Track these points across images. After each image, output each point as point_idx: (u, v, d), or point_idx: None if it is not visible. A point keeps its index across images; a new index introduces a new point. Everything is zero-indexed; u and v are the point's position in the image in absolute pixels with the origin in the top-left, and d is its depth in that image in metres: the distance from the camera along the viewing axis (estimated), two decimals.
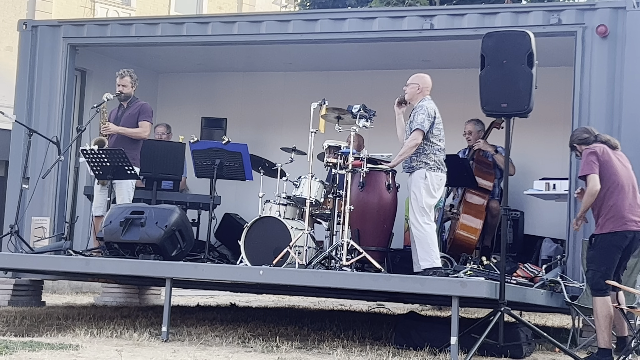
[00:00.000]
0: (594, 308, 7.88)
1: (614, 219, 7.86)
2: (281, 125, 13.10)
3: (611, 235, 7.86)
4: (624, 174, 7.99)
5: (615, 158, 8.03)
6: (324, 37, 10.89)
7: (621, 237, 7.85)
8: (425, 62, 11.55)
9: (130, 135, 10.46)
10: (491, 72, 7.99)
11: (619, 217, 7.85)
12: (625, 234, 7.85)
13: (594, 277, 7.90)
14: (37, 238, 11.09)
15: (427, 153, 8.90)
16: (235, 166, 10.44)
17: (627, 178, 7.99)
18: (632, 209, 7.90)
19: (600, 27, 9.55)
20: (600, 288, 7.85)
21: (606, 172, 7.92)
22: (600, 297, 7.82)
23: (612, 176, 7.92)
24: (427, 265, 8.75)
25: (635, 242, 7.93)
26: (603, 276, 7.83)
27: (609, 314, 7.80)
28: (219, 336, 8.76)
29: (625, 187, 7.93)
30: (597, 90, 9.55)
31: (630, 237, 7.87)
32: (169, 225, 9.30)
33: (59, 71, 11.66)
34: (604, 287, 7.84)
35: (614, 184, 7.91)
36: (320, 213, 9.61)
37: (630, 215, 7.87)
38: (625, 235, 7.85)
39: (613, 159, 8.00)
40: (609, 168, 7.93)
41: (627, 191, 7.92)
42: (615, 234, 7.86)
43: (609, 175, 7.92)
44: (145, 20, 11.94)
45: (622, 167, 8.03)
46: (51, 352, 7.35)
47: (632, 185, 8.00)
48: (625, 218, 7.85)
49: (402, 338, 8.51)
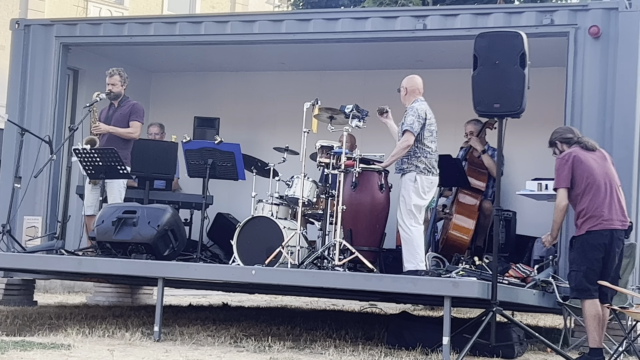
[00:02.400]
0: (582, 309, 7.88)
1: (590, 219, 7.86)
2: (274, 125, 13.09)
3: (588, 235, 7.87)
4: (600, 173, 7.97)
5: (591, 158, 8.02)
6: (317, 37, 10.89)
7: (598, 236, 7.83)
8: (418, 62, 11.56)
9: (121, 135, 10.45)
10: (484, 73, 8.00)
11: (595, 216, 7.85)
12: (602, 233, 7.83)
13: (576, 278, 7.89)
14: (29, 237, 11.08)
15: (417, 156, 8.91)
16: (228, 166, 10.43)
17: (603, 177, 7.97)
18: (611, 207, 7.89)
19: (593, 28, 9.57)
20: (583, 289, 7.83)
21: (580, 176, 7.93)
22: (586, 299, 7.83)
23: (586, 178, 7.92)
24: (411, 267, 8.77)
25: (615, 241, 7.88)
26: (585, 277, 7.82)
27: (597, 313, 7.79)
28: (211, 336, 8.75)
29: (602, 187, 7.92)
30: (590, 90, 9.57)
31: (607, 235, 7.84)
32: (162, 224, 9.29)
33: (52, 70, 11.64)
34: (587, 288, 7.81)
35: (589, 185, 7.90)
36: (313, 213, 9.61)
37: (607, 214, 7.86)
38: (602, 233, 7.83)
39: (588, 160, 7.99)
40: (582, 171, 7.93)
41: (603, 190, 7.91)
42: (591, 234, 7.85)
43: (583, 178, 7.92)
44: (138, 20, 11.93)
45: (599, 166, 8.01)
46: (43, 351, 7.34)
47: (610, 184, 7.97)
48: (602, 217, 7.84)
49: (394, 338, 8.51)
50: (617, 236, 7.88)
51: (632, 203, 9.33)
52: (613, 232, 7.86)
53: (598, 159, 8.08)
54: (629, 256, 8.95)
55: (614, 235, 7.86)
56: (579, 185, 7.92)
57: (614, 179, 8.05)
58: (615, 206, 7.92)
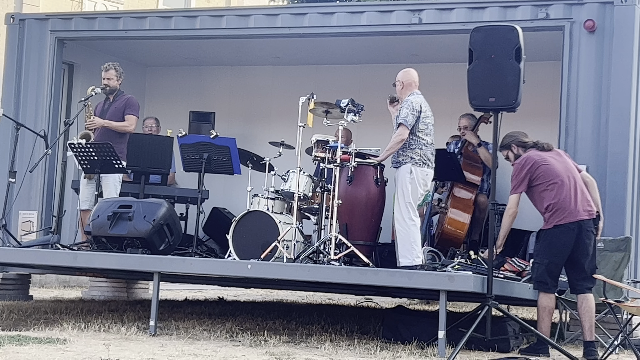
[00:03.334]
0: (538, 301, 7.96)
1: (557, 212, 7.92)
2: (269, 119, 13.09)
3: (555, 229, 7.93)
4: (560, 168, 8.05)
5: (548, 157, 8.10)
6: (313, 31, 10.89)
7: (565, 230, 7.90)
8: (413, 56, 11.56)
9: (115, 129, 10.43)
10: (479, 67, 7.99)
11: (562, 209, 7.91)
12: (569, 226, 7.89)
13: (537, 270, 7.98)
14: (24, 232, 11.08)
15: (412, 148, 8.90)
16: (224, 160, 10.42)
17: (565, 171, 8.04)
18: (576, 200, 7.95)
19: (588, 22, 9.58)
20: (543, 282, 7.94)
21: (541, 174, 8.01)
22: (543, 292, 7.91)
23: (548, 175, 8.00)
24: (406, 262, 8.76)
25: (584, 232, 7.93)
26: (546, 270, 7.91)
27: (547, 306, 7.94)
28: (207, 330, 8.76)
29: (565, 180, 7.99)
30: (585, 84, 9.58)
31: (574, 228, 7.89)
32: (157, 219, 9.28)
33: (47, 64, 11.64)
34: (546, 282, 7.92)
35: (552, 181, 7.98)
36: (309, 207, 9.61)
37: (573, 206, 7.92)
38: (569, 227, 7.89)
39: (546, 158, 8.07)
40: (542, 170, 8.01)
41: (567, 184, 7.98)
42: (559, 227, 7.91)
43: (545, 176, 8.00)
44: (133, 14, 11.92)
45: (558, 162, 8.09)
46: (39, 346, 7.33)
47: (573, 178, 8.04)
48: (567, 210, 7.90)
49: (390, 332, 8.52)
50: (585, 227, 7.94)
51: (627, 197, 9.36)
52: (580, 223, 7.92)
53: (555, 155, 8.20)
54: (624, 250, 8.97)
55: (582, 227, 7.92)
56: (542, 183, 8.01)
57: (574, 171, 8.15)
58: (580, 198, 7.99)
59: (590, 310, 7.94)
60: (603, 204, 9.11)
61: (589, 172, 8.65)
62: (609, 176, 9.38)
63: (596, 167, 9.41)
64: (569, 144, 9.56)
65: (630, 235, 9.19)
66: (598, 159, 9.46)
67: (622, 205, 9.32)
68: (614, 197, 9.31)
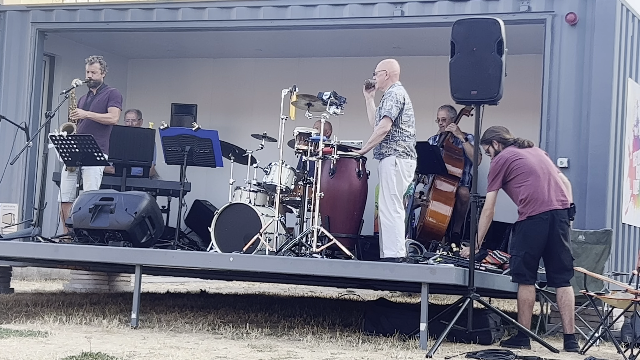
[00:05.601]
0: (518, 293, 8.03)
1: (530, 203, 8.00)
2: (251, 111, 13.07)
3: (529, 220, 8.01)
4: (535, 162, 8.14)
5: (525, 152, 8.19)
6: (295, 24, 10.89)
7: (538, 221, 7.97)
8: (395, 49, 11.56)
9: (99, 121, 10.40)
10: (461, 60, 8.01)
11: (535, 200, 7.99)
12: (542, 217, 7.97)
13: (514, 263, 8.07)
14: (5, 224, 11.04)
15: (396, 139, 8.90)
16: (206, 153, 10.40)
17: (539, 164, 8.13)
18: (549, 190, 8.03)
19: (570, 15, 9.61)
20: (521, 274, 8.01)
21: (517, 169, 8.09)
22: (522, 285, 7.97)
23: (523, 169, 8.09)
24: (390, 254, 8.76)
25: (558, 222, 7.99)
26: (523, 262, 7.97)
27: (527, 299, 8.00)
28: (189, 323, 8.75)
29: (539, 173, 8.08)
30: (567, 77, 9.62)
31: (547, 218, 7.97)
32: (139, 211, 9.26)
33: (28, 56, 11.59)
34: (523, 273, 7.99)
35: (526, 174, 8.07)
36: (291, 200, 9.60)
37: (547, 196, 8.00)
38: (542, 217, 7.97)
39: (523, 154, 8.16)
40: (518, 165, 8.09)
41: (541, 176, 8.06)
42: (532, 218, 7.99)
43: (520, 170, 8.08)
44: (115, 6, 11.87)
45: (533, 157, 8.18)
46: (20, 338, 7.31)
47: (547, 171, 8.13)
48: (540, 201, 7.98)
49: (372, 324, 8.54)
50: (558, 218, 8.00)
51: (607, 189, 9.41)
52: (553, 213, 7.99)
53: (532, 151, 8.28)
54: (605, 242, 9.02)
55: (555, 217, 7.99)
56: (515, 177, 8.10)
57: (550, 166, 8.25)
58: (554, 188, 8.07)
59: (570, 303, 7.99)
60: (584, 197, 9.18)
61: (570, 165, 8.69)
62: (590, 169, 9.43)
63: (577, 160, 9.46)
64: (550, 136, 9.61)
65: (610, 227, 9.23)
66: (579, 152, 9.51)
67: (602, 198, 9.37)
68: (594, 189, 9.36)
